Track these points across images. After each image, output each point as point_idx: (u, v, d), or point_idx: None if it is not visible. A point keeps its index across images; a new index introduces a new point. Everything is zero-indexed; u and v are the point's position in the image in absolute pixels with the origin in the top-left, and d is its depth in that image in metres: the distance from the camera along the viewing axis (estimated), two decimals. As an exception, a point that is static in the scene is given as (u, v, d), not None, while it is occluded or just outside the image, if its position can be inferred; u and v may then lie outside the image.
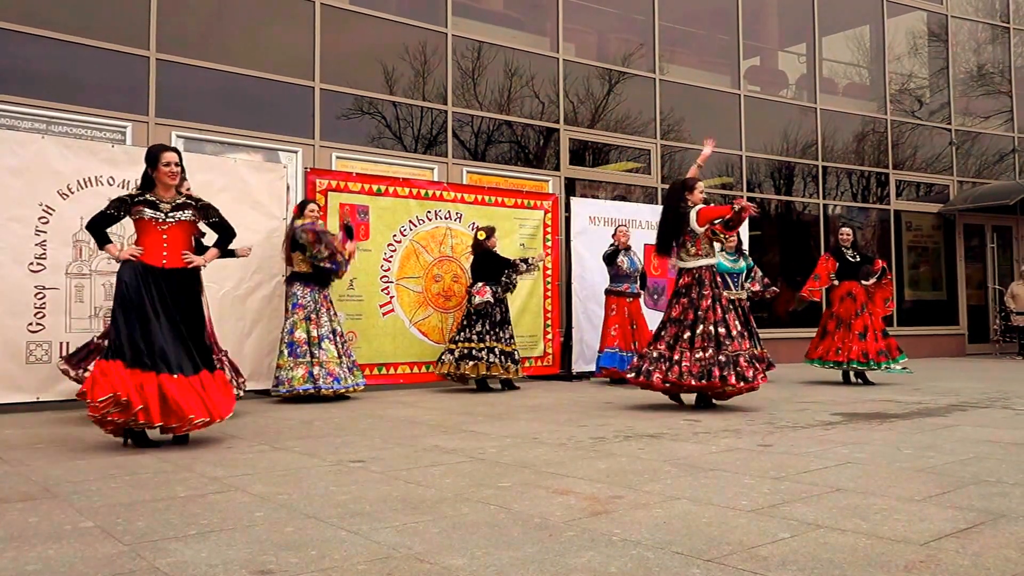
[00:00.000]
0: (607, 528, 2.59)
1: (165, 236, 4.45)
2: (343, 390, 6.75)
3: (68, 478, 3.47)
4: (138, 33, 7.83)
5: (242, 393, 6.00)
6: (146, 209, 4.43)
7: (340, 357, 6.83)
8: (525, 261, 7.92)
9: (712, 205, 6.20)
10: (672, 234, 6.05)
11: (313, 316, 6.79)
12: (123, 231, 6.48)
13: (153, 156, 4.47)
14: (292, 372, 6.63)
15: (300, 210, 6.98)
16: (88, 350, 5.69)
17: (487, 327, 7.61)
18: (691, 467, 3.63)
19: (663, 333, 6.01)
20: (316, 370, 6.65)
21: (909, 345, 12.51)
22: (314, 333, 6.75)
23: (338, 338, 6.90)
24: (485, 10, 10.60)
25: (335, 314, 7.02)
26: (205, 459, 3.92)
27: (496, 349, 7.61)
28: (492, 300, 7.66)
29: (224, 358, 5.85)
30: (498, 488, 3.22)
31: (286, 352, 6.70)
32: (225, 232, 4.74)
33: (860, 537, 2.46)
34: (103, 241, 4.51)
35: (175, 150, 4.61)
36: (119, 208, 4.46)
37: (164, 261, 4.42)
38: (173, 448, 4.20)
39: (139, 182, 4.56)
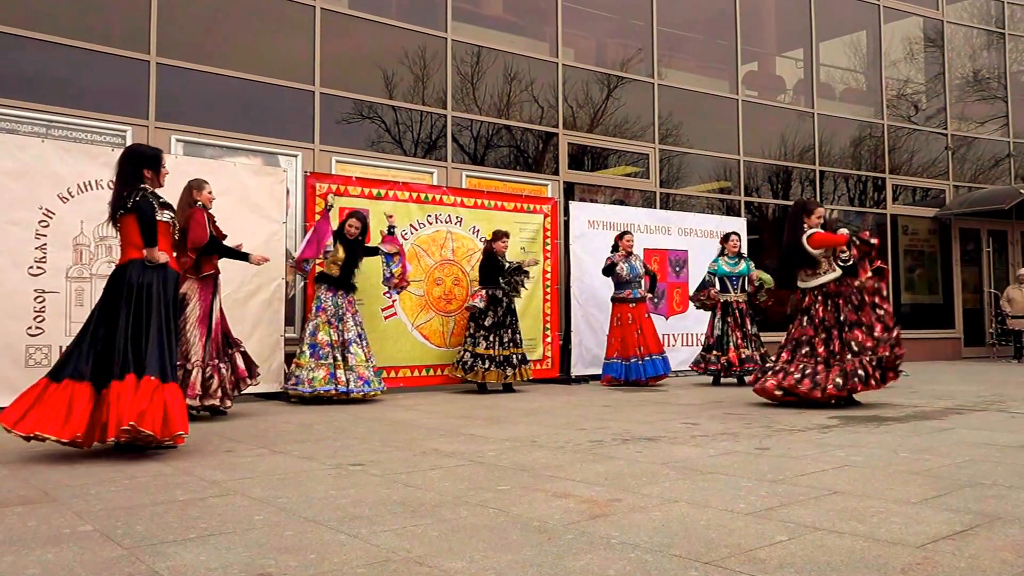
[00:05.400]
0: (606, 531, 2.60)
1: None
2: (371, 393, 6.89)
3: (67, 482, 3.47)
4: (138, 37, 7.84)
5: (253, 382, 6.08)
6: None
7: (367, 360, 6.94)
8: (519, 268, 7.99)
9: (827, 232, 6.20)
10: (793, 263, 6.26)
11: (335, 321, 6.88)
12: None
13: (155, 158, 4.49)
14: (314, 373, 6.68)
15: (340, 226, 7.15)
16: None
17: (510, 333, 7.82)
18: (689, 470, 3.65)
19: (800, 352, 6.13)
20: (341, 373, 6.73)
21: (905, 348, 12.55)
22: (340, 337, 6.84)
23: (364, 342, 6.99)
24: (485, 15, 10.63)
25: (360, 319, 7.11)
26: (204, 463, 3.93)
27: (517, 355, 7.85)
28: (481, 306, 7.70)
29: (237, 352, 5.95)
30: (497, 491, 3.23)
31: (308, 353, 6.76)
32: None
33: (857, 539, 2.48)
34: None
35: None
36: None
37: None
38: (172, 452, 4.21)
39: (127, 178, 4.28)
